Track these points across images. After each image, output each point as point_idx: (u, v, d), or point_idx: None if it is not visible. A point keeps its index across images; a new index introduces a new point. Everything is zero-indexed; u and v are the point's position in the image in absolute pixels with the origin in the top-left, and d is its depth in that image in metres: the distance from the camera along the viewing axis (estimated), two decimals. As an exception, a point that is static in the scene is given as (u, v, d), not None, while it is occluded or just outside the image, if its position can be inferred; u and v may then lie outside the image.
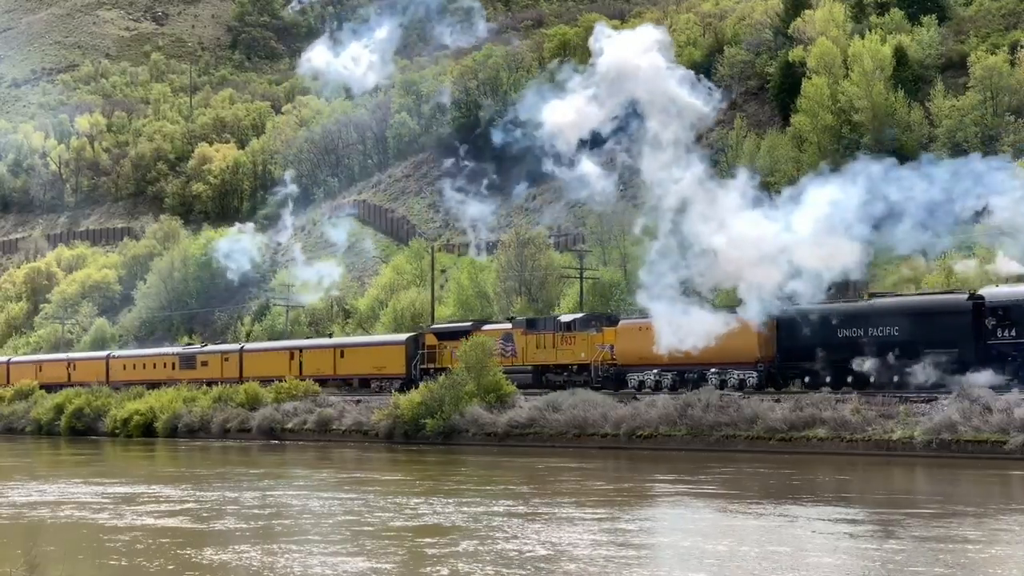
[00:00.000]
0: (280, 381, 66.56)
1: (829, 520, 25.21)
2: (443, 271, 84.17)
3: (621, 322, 53.43)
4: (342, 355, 67.10)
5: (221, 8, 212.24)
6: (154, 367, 79.33)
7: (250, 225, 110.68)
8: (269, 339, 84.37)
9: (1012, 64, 69.75)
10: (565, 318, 56.62)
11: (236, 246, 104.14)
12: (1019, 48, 70.51)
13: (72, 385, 79.78)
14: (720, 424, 43.49)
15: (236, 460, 48.64)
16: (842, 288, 61.10)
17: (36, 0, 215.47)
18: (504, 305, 71.39)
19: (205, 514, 27.50)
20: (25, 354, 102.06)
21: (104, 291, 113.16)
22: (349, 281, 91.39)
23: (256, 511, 28.15)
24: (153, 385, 75.17)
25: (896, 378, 44.11)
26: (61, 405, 74.11)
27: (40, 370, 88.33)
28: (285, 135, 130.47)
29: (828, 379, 46.02)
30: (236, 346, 77.58)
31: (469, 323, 61.51)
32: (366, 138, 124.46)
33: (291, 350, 70.69)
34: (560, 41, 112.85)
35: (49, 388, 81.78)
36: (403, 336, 65.09)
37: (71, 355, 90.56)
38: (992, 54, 70.89)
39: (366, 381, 65.84)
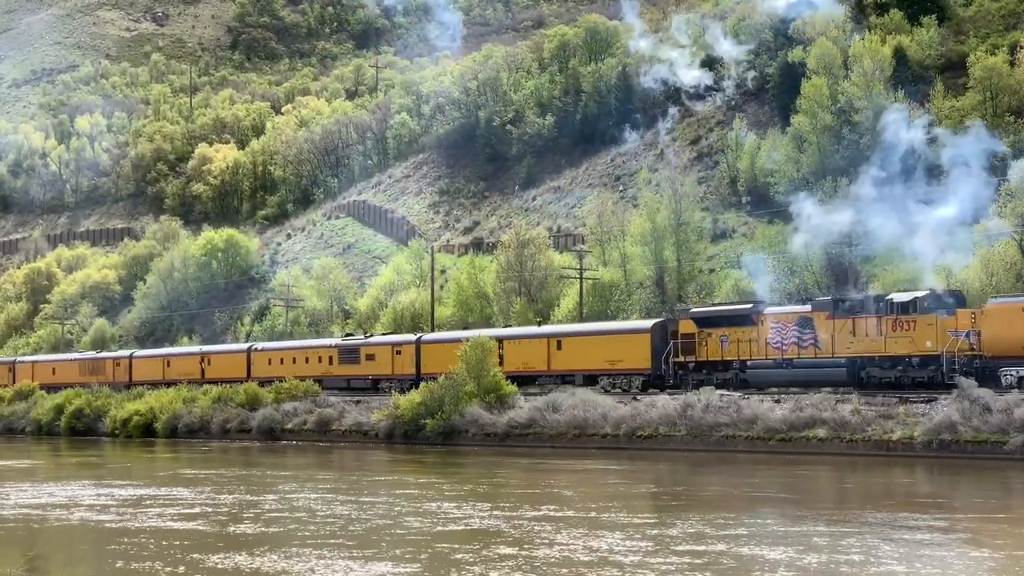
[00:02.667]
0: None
1: (903, 527, 23.56)
2: (443, 271, 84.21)
3: (993, 301, 43.57)
4: (559, 346, 56.68)
5: (221, 8, 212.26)
6: (306, 361, 69.56)
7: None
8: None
9: (1012, 64, 69.75)
10: (900, 297, 45.58)
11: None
12: (1019, 48, 70.50)
13: (207, 382, 72.46)
14: (720, 424, 43.50)
15: (252, 462, 48.51)
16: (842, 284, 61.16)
17: (36, 0, 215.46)
18: (504, 305, 71.40)
19: (221, 518, 26.83)
20: (149, 348, 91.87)
21: (104, 291, 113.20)
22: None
23: (276, 515, 27.20)
24: (316, 381, 67.39)
25: None
26: (61, 405, 74.13)
27: (168, 365, 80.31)
28: (285, 135, 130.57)
29: None
30: (411, 336, 65.87)
31: (747, 305, 51.42)
32: (366, 138, 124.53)
33: None
34: (560, 41, 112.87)
35: (178, 383, 73.80)
36: (648, 323, 55.00)
37: (205, 348, 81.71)
38: (992, 54, 70.89)
39: (592, 378, 55.05)
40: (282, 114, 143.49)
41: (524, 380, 56.25)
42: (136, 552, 21.95)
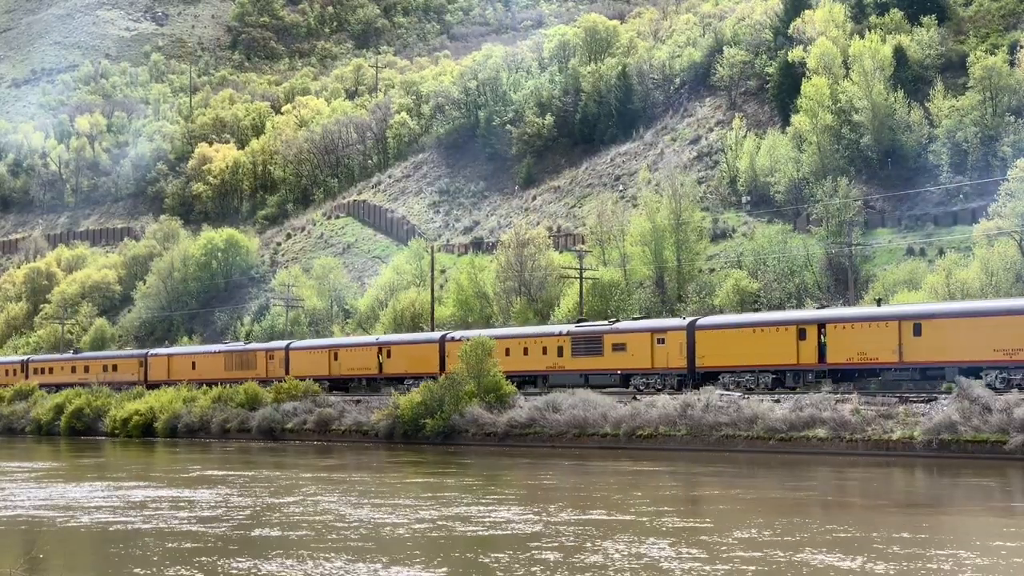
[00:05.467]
0: (780, 373, 48.10)
1: (992, 534, 21.96)
2: (443, 271, 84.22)
3: None
4: (916, 331, 44.16)
5: (221, 8, 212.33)
6: (524, 353, 56.60)
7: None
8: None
9: (1012, 64, 69.78)
10: None
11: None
12: (1019, 48, 70.53)
13: (387, 379, 62.82)
14: (720, 424, 43.47)
15: (260, 462, 48.38)
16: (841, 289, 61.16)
17: (36, 0, 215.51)
18: (504, 305, 71.40)
19: (240, 520, 26.18)
20: (304, 339, 79.45)
21: (104, 291, 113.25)
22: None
23: (300, 518, 26.33)
24: (535, 378, 56.79)
25: None
26: (61, 405, 74.11)
27: (335, 358, 67.68)
28: (285, 135, 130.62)
29: None
30: (680, 321, 53.62)
31: None
32: (366, 138, 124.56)
33: (799, 325, 48.05)
34: (560, 41, 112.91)
35: (348, 380, 65.56)
36: None
37: (385, 338, 67.79)
38: (992, 54, 70.90)
39: (973, 371, 41.97)
40: (282, 114, 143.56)
41: (855, 375, 45.94)
42: (143, 556, 21.63)
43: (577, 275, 66.46)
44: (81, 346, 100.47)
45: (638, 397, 49.05)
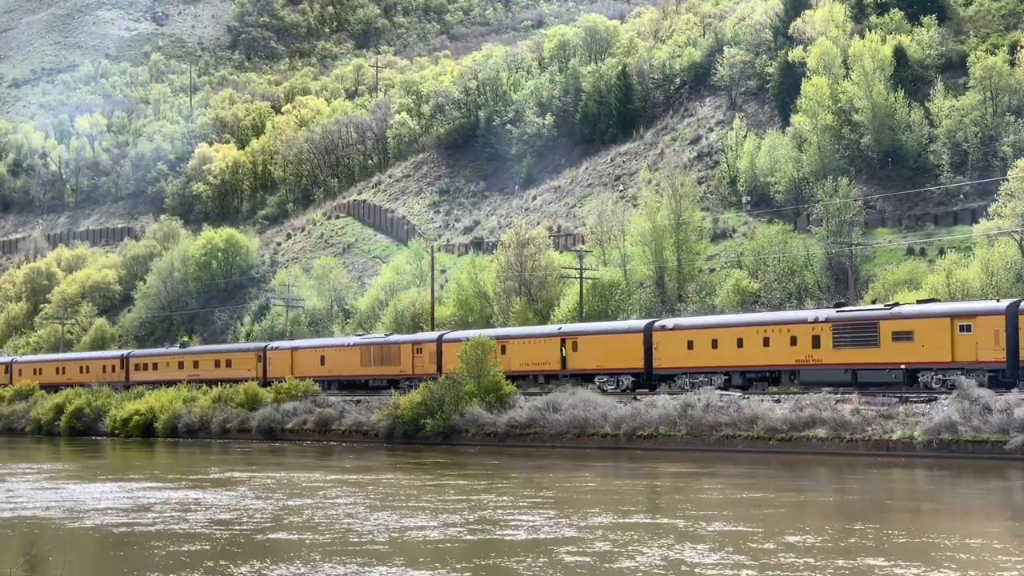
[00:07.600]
0: None
1: None
2: (443, 271, 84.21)
3: None
4: None
5: (221, 8, 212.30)
6: (765, 344, 48.14)
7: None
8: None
9: (1012, 64, 69.79)
10: None
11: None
12: (1019, 48, 70.54)
13: (571, 375, 53.85)
14: (720, 424, 43.47)
15: (266, 462, 48.29)
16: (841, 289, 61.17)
17: (36, 0, 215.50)
18: (504, 305, 71.40)
19: (257, 522, 25.80)
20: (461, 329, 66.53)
21: (104, 291, 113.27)
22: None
23: (322, 520, 25.79)
24: (778, 374, 48.59)
25: None
26: (61, 405, 74.09)
27: (503, 351, 55.97)
28: (285, 135, 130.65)
29: None
30: (994, 304, 43.33)
31: None
32: (366, 138, 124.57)
33: None
34: (560, 41, 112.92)
35: (521, 377, 55.52)
36: None
37: (569, 328, 57.83)
38: (992, 54, 70.91)
39: None
40: (282, 114, 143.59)
41: None
42: (146, 556, 21.47)
43: (577, 275, 66.45)
44: (80, 346, 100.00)
45: (638, 397, 49.05)
